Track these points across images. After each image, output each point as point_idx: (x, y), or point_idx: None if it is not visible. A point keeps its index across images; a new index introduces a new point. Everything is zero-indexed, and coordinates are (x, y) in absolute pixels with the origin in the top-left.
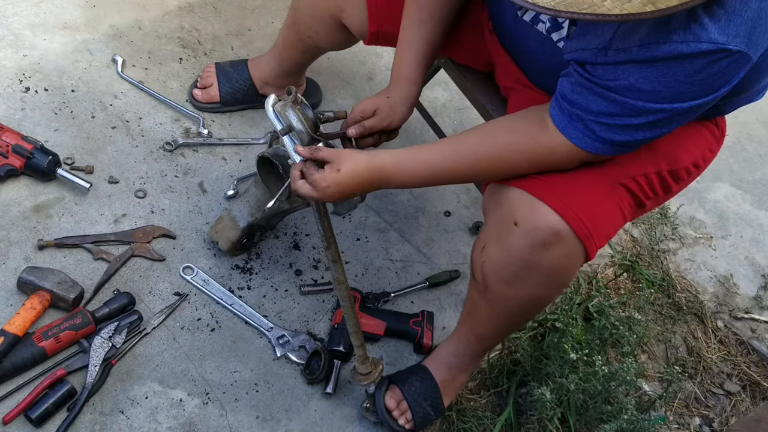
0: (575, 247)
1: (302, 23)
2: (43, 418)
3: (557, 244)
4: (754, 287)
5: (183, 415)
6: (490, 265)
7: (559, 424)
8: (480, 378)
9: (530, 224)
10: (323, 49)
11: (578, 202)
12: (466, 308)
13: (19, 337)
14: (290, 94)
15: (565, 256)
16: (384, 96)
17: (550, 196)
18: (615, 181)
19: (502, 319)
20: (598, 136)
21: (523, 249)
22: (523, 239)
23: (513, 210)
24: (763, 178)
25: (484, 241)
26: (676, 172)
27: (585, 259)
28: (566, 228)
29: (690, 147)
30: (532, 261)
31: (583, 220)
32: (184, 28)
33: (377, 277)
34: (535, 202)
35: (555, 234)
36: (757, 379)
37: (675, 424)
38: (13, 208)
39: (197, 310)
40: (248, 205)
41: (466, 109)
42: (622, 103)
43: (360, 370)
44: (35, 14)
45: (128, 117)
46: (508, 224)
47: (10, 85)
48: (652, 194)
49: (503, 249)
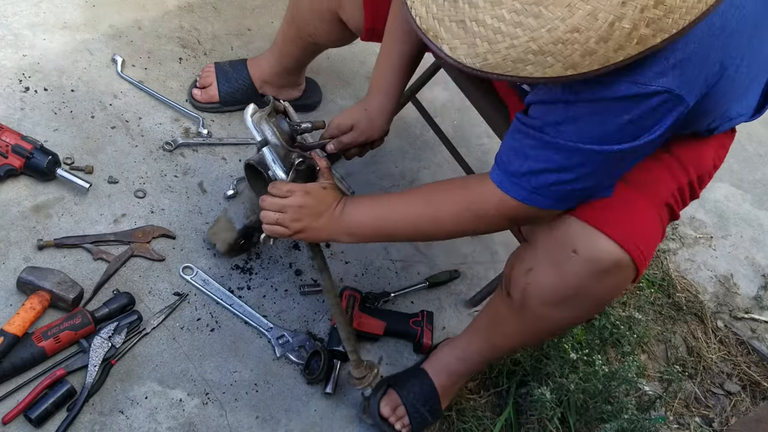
0: (630, 274)
1: (302, 19)
2: (42, 418)
3: (616, 273)
4: (754, 287)
5: (183, 415)
6: (537, 287)
7: (559, 424)
8: (480, 378)
9: (591, 254)
10: (322, 45)
11: (635, 230)
12: (487, 318)
13: (19, 337)
14: (269, 103)
15: (619, 282)
16: (362, 108)
17: (609, 226)
18: (662, 202)
19: (528, 335)
20: (528, 182)
21: (581, 277)
22: (582, 267)
23: (572, 238)
24: (763, 178)
25: (531, 263)
26: (702, 176)
27: (633, 282)
28: (626, 257)
29: (707, 147)
30: (586, 288)
31: (641, 248)
32: (184, 27)
33: (377, 277)
34: (595, 232)
35: (616, 263)
36: (757, 379)
37: (675, 424)
38: (12, 208)
39: (197, 310)
40: (243, 207)
41: (466, 109)
42: (552, 144)
43: (355, 374)
44: (35, 14)
45: (128, 117)
46: (565, 251)
47: (9, 85)
48: (683, 204)
49: (558, 275)
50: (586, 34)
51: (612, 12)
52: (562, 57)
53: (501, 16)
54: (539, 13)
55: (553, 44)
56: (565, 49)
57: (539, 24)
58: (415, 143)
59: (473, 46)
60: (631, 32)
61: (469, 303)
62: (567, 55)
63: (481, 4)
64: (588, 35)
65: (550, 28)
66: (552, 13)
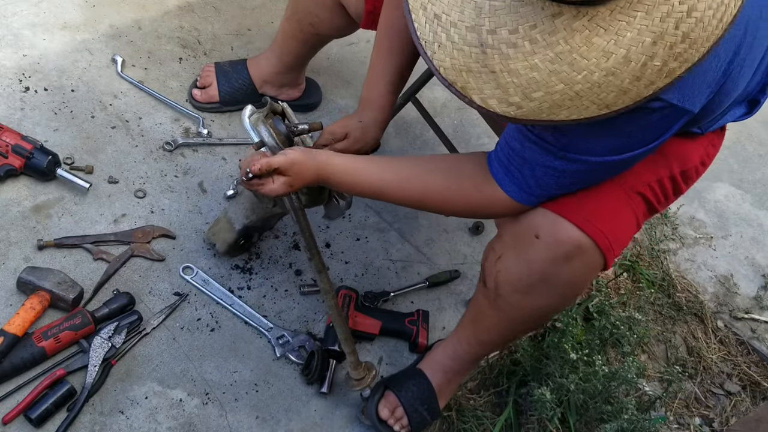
0: (596, 260)
1: (303, 9)
2: (42, 418)
3: (579, 257)
4: (754, 287)
5: (183, 415)
6: (506, 274)
7: (559, 424)
8: (480, 378)
9: (552, 238)
10: (323, 35)
11: (598, 214)
12: (470, 314)
13: (19, 337)
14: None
15: (585, 268)
16: (356, 120)
17: (571, 212)
18: (632, 189)
19: (509, 327)
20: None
21: (544, 261)
22: (544, 252)
23: (534, 223)
24: (763, 178)
25: (500, 251)
26: (687, 172)
27: (603, 269)
28: (588, 241)
29: (695, 144)
30: (551, 273)
31: (605, 233)
32: (184, 27)
33: (377, 277)
34: (556, 217)
35: (577, 247)
36: (757, 379)
37: (675, 424)
38: (12, 208)
39: (197, 310)
40: (243, 208)
41: (466, 109)
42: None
43: (353, 375)
44: (35, 14)
45: (128, 117)
46: (528, 237)
47: (9, 85)
48: (664, 198)
49: (522, 261)
50: (621, 76)
51: (644, 53)
52: (597, 99)
53: (534, 66)
54: (573, 61)
55: (588, 89)
56: (600, 92)
57: (574, 71)
58: (415, 143)
59: (506, 95)
60: (662, 68)
61: (469, 303)
62: (602, 97)
63: (512, 55)
64: (622, 77)
65: (586, 74)
66: (586, 59)
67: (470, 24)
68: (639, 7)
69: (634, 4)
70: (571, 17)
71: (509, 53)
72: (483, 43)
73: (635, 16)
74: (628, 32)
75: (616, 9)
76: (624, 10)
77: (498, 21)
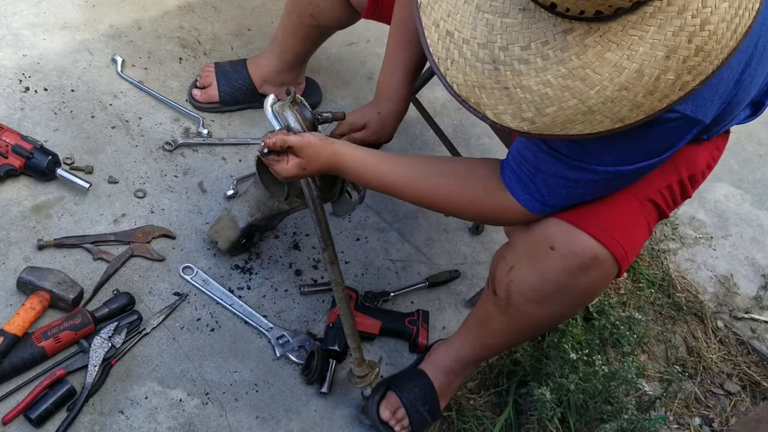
0: (611, 269)
1: (303, 1)
2: (42, 418)
3: (595, 268)
4: (754, 287)
5: (183, 415)
6: (519, 284)
7: (559, 424)
8: (480, 378)
9: (568, 249)
10: (324, 27)
11: (613, 224)
12: (476, 318)
13: (19, 337)
14: (289, 95)
15: (601, 278)
16: (374, 111)
17: (586, 222)
18: (644, 198)
19: (517, 334)
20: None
21: (560, 272)
22: (560, 263)
23: (548, 234)
24: (763, 178)
25: (511, 261)
26: (694, 176)
27: (616, 277)
28: (605, 252)
29: (702, 149)
30: (567, 284)
31: (621, 243)
32: (184, 27)
33: (377, 277)
34: (572, 228)
35: (594, 258)
36: (757, 379)
37: (675, 424)
38: (12, 208)
39: (197, 310)
40: (248, 206)
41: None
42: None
43: (356, 372)
44: (35, 14)
45: (128, 117)
46: (542, 247)
47: (9, 85)
48: (673, 203)
49: (537, 271)
50: (634, 90)
51: (657, 67)
52: (611, 114)
53: (547, 82)
54: (586, 76)
55: (602, 104)
56: (614, 107)
57: (587, 86)
58: (415, 143)
59: (519, 111)
60: (675, 81)
61: (469, 303)
62: (616, 111)
63: (524, 71)
64: (636, 91)
65: (599, 89)
66: (599, 74)
67: (482, 41)
68: (651, 21)
69: (646, 19)
70: (582, 33)
71: (522, 69)
72: (495, 60)
73: (648, 30)
74: (640, 47)
75: (628, 24)
76: (636, 25)
77: (510, 37)
